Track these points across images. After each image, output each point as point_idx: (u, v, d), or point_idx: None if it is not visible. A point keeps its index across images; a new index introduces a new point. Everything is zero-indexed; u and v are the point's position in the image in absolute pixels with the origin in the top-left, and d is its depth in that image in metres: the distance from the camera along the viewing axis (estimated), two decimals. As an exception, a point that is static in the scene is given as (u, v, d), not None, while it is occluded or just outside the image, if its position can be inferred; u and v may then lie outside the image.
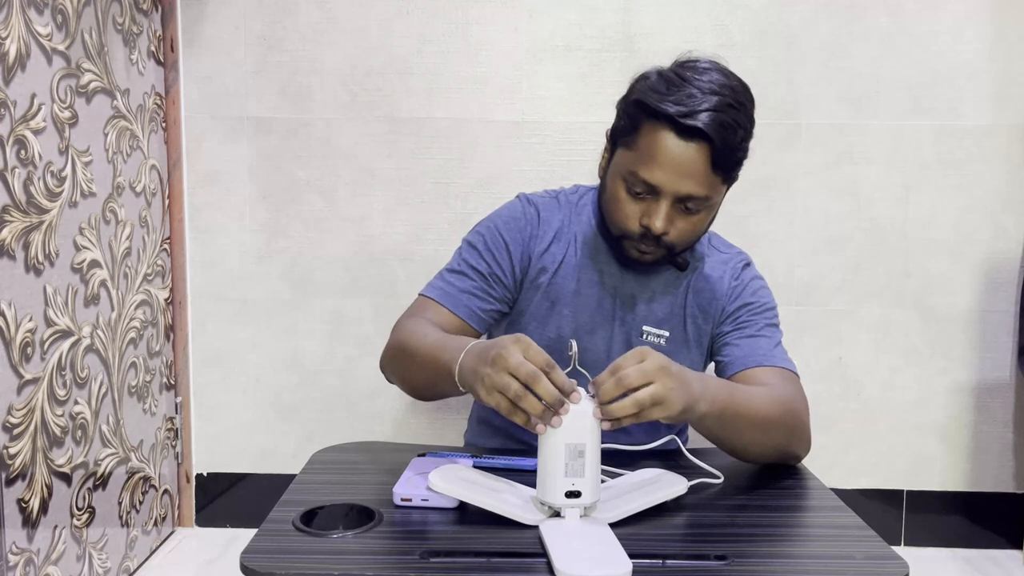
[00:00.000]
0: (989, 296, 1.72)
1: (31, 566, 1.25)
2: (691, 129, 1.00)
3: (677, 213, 1.06)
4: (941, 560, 1.73)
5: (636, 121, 1.05)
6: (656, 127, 1.02)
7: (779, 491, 0.98)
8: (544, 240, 1.19)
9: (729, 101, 1.02)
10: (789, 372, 1.11)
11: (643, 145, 1.04)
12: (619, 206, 1.08)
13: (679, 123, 1.00)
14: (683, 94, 1.01)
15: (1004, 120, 1.67)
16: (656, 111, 1.02)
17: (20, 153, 1.20)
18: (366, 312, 1.75)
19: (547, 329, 1.19)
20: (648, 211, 1.06)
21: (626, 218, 1.08)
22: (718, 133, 1.00)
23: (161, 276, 1.70)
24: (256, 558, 0.75)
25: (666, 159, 1.02)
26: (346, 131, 1.71)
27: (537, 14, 1.67)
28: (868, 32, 1.66)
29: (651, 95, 1.03)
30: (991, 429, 1.75)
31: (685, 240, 1.10)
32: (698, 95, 1.01)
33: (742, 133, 1.04)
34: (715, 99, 1.00)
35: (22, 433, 1.22)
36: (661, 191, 1.04)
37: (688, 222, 1.07)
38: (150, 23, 1.63)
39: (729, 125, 1.01)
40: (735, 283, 1.20)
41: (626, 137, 1.07)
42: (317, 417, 1.79)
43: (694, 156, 1.01)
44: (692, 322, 1.19)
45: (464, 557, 0.76)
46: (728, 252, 1.24)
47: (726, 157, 1.03)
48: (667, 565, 0.76)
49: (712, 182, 1.05)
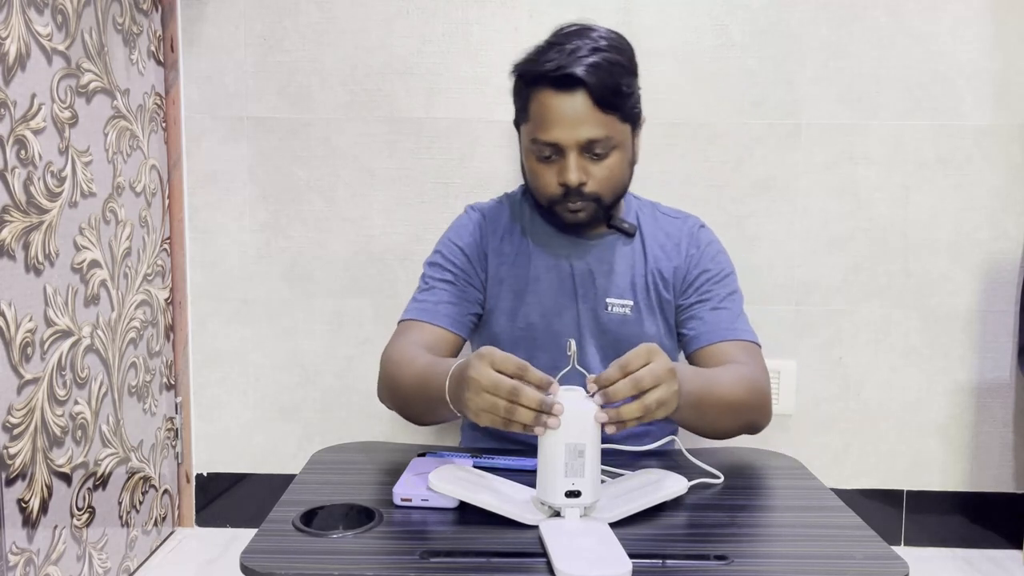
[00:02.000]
0: (989, 296, 1.72)
1: (31, 566, 1.25)
2: (564, 79, 1.08)
3: (587, 162, 1.12)
4: (941, 560, 1.73)
5: (524, 97, 1.14)
6: (538, 92, 1.11)
7: (779, 491, 0.99)
8: (495, 237, 1.25)
9: (595, 45, 1.10)
10: (751, 345, 1.17)
11: (534, 113, 1.12)
12: (536, 176, 1.16)
13: (553, 78, 1.08)
14: (551, 53, 1.10)
15: (1004, 120, 1.67)
16: (533, 75, 1.11)
17: (20, 153, 1.20)
18: (366, 312, 1.75)
19: (517, 320, 1.23)
20: (560, 169, 1.13)
21: (546, 184, 1.15)
22: (590, 74, 1.07)
23: (161, 276, 1.70)
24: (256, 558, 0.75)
25: (554, 114, 1.09)
26: (346, 131, 1.71)
27: (537, 14, 1.67)
28: (868, 32, 1.66)
29: (525, 65, 1.13)
30: (991, 429, 1.75)
31: (607, 187, 1.15)
32: (566, 49, 1.09)
33: (618, 70, 1.10)
34: (582, 47, 1.09)
35: (22, 433, 1.22)
36: (562, 146, 1.11)
37: (601, 167, 1.13)
38: (150, 23, 1.63)
39: (600, 65, 1.08)
40: (694, 249, 1.24)
41: (522, 114, 1.16)
42: (317, 417, 1.79)
43: (577, 103, 1.09)
44: (655, 289, 1.23)
45: (464, 557, 0.76)
46: (679, 216, 1.29)
47: (608, 95, 1.09)
48: (667, 565, 0.76)
49: (605, 120, 1.10)
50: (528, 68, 1.12)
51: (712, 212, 1.68)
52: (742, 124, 1.68)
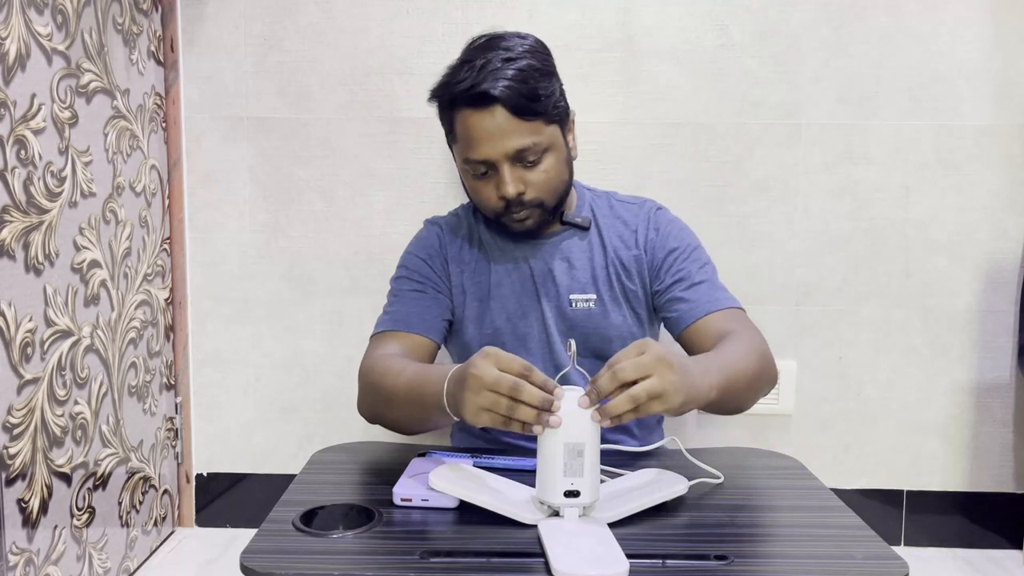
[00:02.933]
0: (989, 296, 1.72)
1: (31, 566, 1.25)
2: (479, 97, 1.08)
3: (522, 171, 1.12)
4: (941, 560, 1.73)
5: (448, 119, 1.15)
6: (458, 113, 1.12)
7: (779, 491, 0.99)
8: (454, 247, 1.26)
9: (506, 56, 1.09)
10: (737, 311, 1.18)
11: (459, 133, 1.13)
12: (476, 192, 1.17)
13: (468, 97, 1.09)
14: (463, 72, 1.10)
15: (1004, 120, 1.67)
16: (449, 97, 1.11)
17: (20, 153, 1.20)
18: (366, 312, 1.75)
19: (483, 326, 1.24)
20: (497, 183, 1.13)
21: (487, 199, 1.16)
22: (503, 89, 1.07)
23: (161, 276, 1.70)
24: (256, 558, 0.75)
25: (478, 132, 1.10)
26: (346, 131, 1.71)
27: (537, 14, 1.67)
28: (868, 32, 1.66)
29: (439, 90, 1.14)
30: (991, 429, 1.75)
31: (546, 189, 1.15)
32: (476, 66, 1.09)
33: (533, 75, 1.10)
34: (493, 60, 1.08)
35: (22, 433, 1.22)
36: (493, 161, 1.11)
37: (537, 172, 1.13)
38: (150, 23, 1.63)
39: (512, 76, 1.08)
40: (652, 233, 1.24)
41: (450, 136, 1.17)
42: (317, 417, 1.79)
43: (498, 117, 1.09)
44: (617, 280, 1.23)
45: (464, 557, 0.76)
46: (635, 202, 1.29)
47: (525, 103, 1.09)
48: (667, 565, 0.76)
49: (530, 127, 1.10)
50: (442, 92, 1.13)
51: (712, 212, 1.68)
52: (742, 124, 1.68)
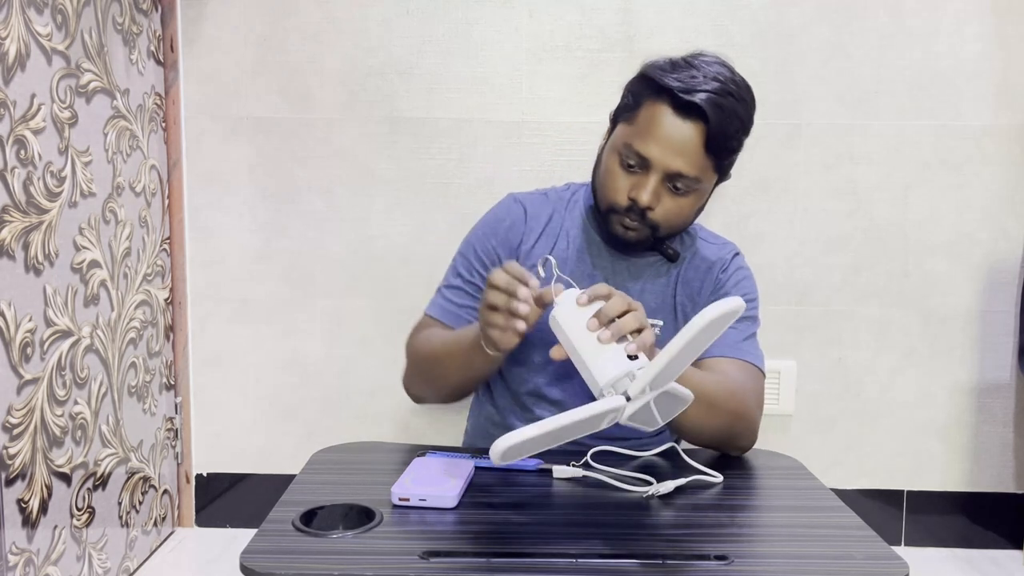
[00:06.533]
0: (989, 296, 1.72)
1: (31, 566, 1.25)
2: (689, 105, 1.04)
3: (665, 191, 1.09)
4: (941, 560, 1.73)
5: (639, 97, 1.10)
6: (656, 102, 1.07)
7: (779, 491, 0.99)
8: (532, 236, 1.21)
9: (729, 89, 1.06)
10: (751, 366, 1.13)
11: (642, 119, 1.08)
12: (610, 178, 1.12)
13: (678, 98, 1.04)
14: (686, 74, 1.06)
15: (1004, 120, 1.67)
16: (658, 85, 1.06)
17: (20, 153, 1.20)
18: (366, 312, 1.75)
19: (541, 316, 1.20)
20: (637, 184, 1.09)
21: (616, 191, 1.11)
22: (715, 114, 1.04)
23: (161, 276, 1.70)
24: (256, 558, 0.75)
25: (661, 133, 1.06)
26: (346, 131, 1.71)
27: (537, 14, 1.67)
28: (868, 32, 1.66)
29: (655, 71, 1.09)
30: (991, 429, 1.75)
31: (670, 221, 1.12)
32: (700, 77, 1.05)
33: (738, 123, 1.07)
34: (716, 84, 1.05)
35: (22, 433, 1.22)
36: (652, 165, 1.07)
37: (675, 202, 1.10)
38: (150, 23, 1.63)
39: (727, 109, 1.05)
40: (721, 274, 1.22)
41: (627, 113, 1.12)
42: (317, 417, 1.79)
43: (689, 134, 1.05)
44: (681, 311, 1.21)
45: (464, 557, 0.76)
46: (717, 243, 1.26)
47: (720, 141, 1.06)
48: (667, 565, 0.76)
49: (703, 164, 1.08)
50: (656, 75, 1.07)
51: (712, 212, 1.68)
52: (742, 124, 1.68)
